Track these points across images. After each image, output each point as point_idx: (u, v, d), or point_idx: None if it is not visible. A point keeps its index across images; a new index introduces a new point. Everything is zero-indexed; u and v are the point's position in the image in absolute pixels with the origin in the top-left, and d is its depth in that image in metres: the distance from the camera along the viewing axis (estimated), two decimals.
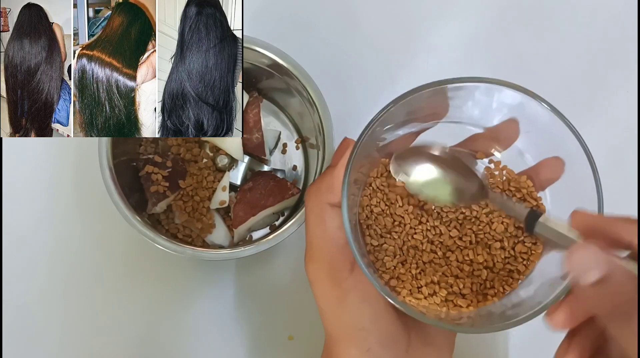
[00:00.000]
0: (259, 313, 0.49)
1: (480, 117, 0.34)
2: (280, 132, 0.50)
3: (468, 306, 0.32)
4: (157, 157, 0.45)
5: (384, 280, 0.32)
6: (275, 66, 0.43)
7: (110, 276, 0.49)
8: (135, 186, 0.44)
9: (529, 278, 0.33)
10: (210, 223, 0.45)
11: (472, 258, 0.33)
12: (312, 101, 0.43)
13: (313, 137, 0.47)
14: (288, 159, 0.50)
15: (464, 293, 0.32)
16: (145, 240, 0.41)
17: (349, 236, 0.30)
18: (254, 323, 0.49)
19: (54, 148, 0.50)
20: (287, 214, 0.48)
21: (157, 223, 0.45)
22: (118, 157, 0.42)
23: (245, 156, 0.48)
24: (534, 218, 0.31)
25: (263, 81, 0.47)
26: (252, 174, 0.48)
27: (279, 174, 0.49)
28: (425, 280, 0.32)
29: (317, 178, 0.36)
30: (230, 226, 0.46)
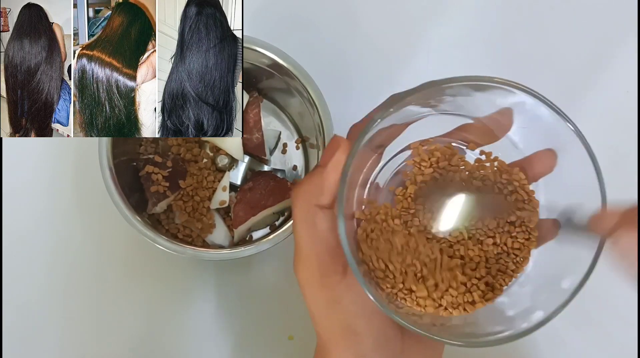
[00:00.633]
0: (259, 313, 0.49)
1: (473, 110, 0.33)
2: (281, 132, 0.50)
3: (464, 310, 0.32)
4: (157, 157, 0.45)
5: (383, 290, 0.32)
6: (276, 66, 0.43)
7: (111, 276, 0.49)
8: (136, 186, 0.44)
9: (524, 279, 0.33)
10: (211, 223, 0.45)
11: (467, 256, 0.32)
12: (312, 101, 0.43)
13: (313, 137, 0.47)
14: (288, 159, 0.50)
15: (459, 299, 0.32)
16: (146, 240, 0.41)
17: (345, 245, 0.29)
18: (254, 323, 0.49)
19: (54, 148, 0.50)
20: (287, 215, 0.48)
21: (157, 223, 0.45)
22: (118, 157, 0.42)
23: (246, 156, 0.48)
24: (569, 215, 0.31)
25: (263, 81, 0.47)
26: (252, 174, 0.48)
27: (279, 174, 0.49)
28: (421, 287, 0.32)
29: (304, 178, 0.34)
30: (231, 226, 0.46)
